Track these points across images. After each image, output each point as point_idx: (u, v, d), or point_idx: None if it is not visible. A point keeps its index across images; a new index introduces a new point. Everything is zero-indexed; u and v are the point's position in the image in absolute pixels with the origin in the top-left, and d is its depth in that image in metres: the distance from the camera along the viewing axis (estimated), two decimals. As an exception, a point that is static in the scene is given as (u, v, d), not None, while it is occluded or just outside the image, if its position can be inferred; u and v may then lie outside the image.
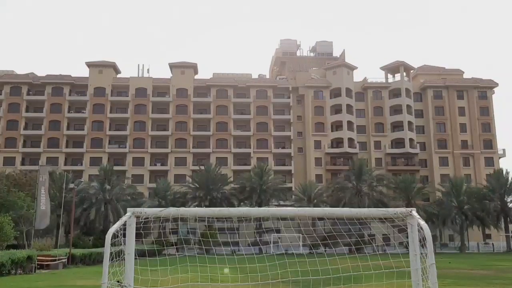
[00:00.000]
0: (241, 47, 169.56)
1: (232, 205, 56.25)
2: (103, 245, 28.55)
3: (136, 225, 7.96)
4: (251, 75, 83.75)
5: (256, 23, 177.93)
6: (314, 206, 55.02)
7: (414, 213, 6.87)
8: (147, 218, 8.17)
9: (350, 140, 77.89)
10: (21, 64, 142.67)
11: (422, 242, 6.52)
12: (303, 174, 75.91)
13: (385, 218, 7.23)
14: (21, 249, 29.23)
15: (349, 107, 79.40)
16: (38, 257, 27.68)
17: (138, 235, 7.82)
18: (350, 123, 78.59)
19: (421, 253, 6.69)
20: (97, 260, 35.42)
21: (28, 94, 77.44)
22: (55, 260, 29.63)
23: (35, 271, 26.14)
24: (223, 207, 47.34)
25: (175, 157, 75.83)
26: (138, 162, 75.05)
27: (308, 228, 52.86)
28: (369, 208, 12.38)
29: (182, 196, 60.32)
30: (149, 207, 38.91)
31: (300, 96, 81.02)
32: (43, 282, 20.05)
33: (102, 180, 56.38)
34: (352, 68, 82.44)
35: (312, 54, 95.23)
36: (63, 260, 30.80)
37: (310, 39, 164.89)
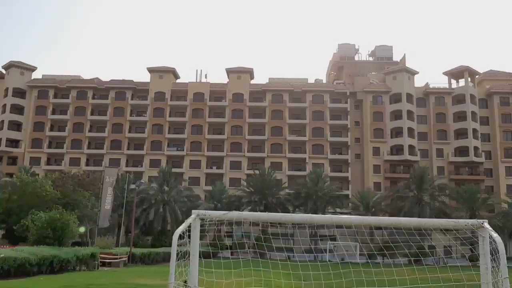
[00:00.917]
0: (298, 52, 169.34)
1: (287, 211, 55.95)
2: (161, 245, 29.49)
3: (201, 227, 8.02)
4: (307, 79, 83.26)
5: (313, 27, 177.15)
6: (372, 215, 53.67)
7: (486, 225, 6.61)
8: (211, 220, 8.20)
9: (411, 147, 75.44)
10: (87, 70, 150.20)
11: (494, 255, 6.26)
12: (360, 182, 74.30)
13: (456, 230, 6.97)
14: (85, 247, 30.43)
15: (409, 113, 77.00)
16: (101, 255, 28.66)
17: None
18: (410, 130, 76.16)
19: (493, 267, 6.38)
20: (155, 259, 36.32)
21: (93, 98, 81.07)
22: (116, 258, 30.61)
23: (98, 268, 27.09)
24: (277, 212, 47.15)
25: (230, 161, 76.62)
26: (195, 165, 76.49)
27: (365, 237, 51.56)
28: (439, 219, 11.82)
29: (237, 199, 60.74)
30: (205, 209, 39.45)
31: (358, 101, 79.56)
32: (105, 279, 20.69)
33: (161, 182, 57.88)
34: (413, 72, 79.97)
35: (371, 59, 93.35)
36: (124, 259, 31.75)
37: (369, 43, 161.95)
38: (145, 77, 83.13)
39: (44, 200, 41.71)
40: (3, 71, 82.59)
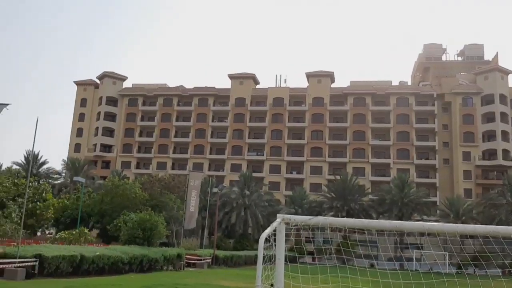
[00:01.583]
0: (380, 53, 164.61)
1: (370, 218, 54.20)
2: (243, 249, 29.70)
3: (286, 231, 7.90)
4: (390, 82, 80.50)
5: (396, 28, 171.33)
6: (462, 223, 50.27)
7: None
8: (296, 225, 8.07)
9: (505, 151, 70.04)
10: (172, 78, 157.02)
11: None
12: (449, 188, 70.26)
13: None
14: (171, 247, 31.58)
15: (503, 115, 71.63)
16: (186, 256, 29.60)
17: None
18: (505, 133, 70.77)
19: None
20: (238, 262, 36.86)
21: (178, 105, 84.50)
22: (201, 260, 31.43)
23: (183, 269, 27.97)
24: (361, 218, 45.80)
25: (310, 166, 75.97)
26: (275, 169, 76.79)
27: (456, 246, 48.49)
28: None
29: (318, 205, 59.96)
30: (286, 214, 39.34)
31: (446, 103, 75.43)
32: (191, 279, 21.26)
33: (242, 186, 58.72)
34: (506, 72, 74.36)
35: (459, 58, 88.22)
36: (208, 260, 32.52)
37: (458, 42, 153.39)
38: (226, 84, 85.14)
39: (133, 202, 44.04)
40: (98, 81, 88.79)
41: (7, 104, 18.06)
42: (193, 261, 30.63)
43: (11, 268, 17.16)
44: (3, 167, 59.17)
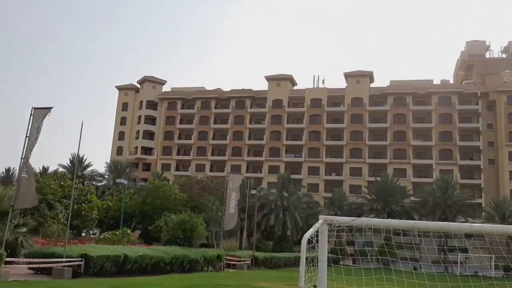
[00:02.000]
0: (421, 52, 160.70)
1: (412, 220, 52.87)
2: (282, 250, 29.51)
3: (328, 232, 7.86)
4: (432, 81, 78.43)
5: (436, 25, 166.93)
6: (509, 225, 48.30)
7: None
8: (339, 226, 8.00)
9: (554, 150, 66.92)
10: (210, 81, 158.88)
11: None
12: (494, 189, 67.69)
13: None
14: (211, 248, 31.84)
15: (553, 113, 68.52)
16: (226, 257, 29.74)
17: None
18: (553, 132, 67.68)
19: None
20: (277, 264, 36.75)
21: (215, 107, 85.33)
22: (240, 261, 31.53)
23: (223, 270, 28.12)
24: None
25: (350, 167, 74.96)
26: (313, 171, 76.21)
27: (500, 248, 46.61)
28: None
29: (358, 207, 59.06)
30: (326, 215, 38.93)
31: (491, 102, 72.78)
32: (232, 280, 21.34)
33: (280, 188, 58.58)
34: (555, 68, 71.09)
35: (504, 56, 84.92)
36: (248, 262, 32.58)
37: (502, 39, 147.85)
38: (263, 85, 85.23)
39: (173, 203, 44.76)
40: (138, 86, 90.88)
41: (50, 108, 18.67)
42: (232, 262, 30.76)
43: (58, 267, 17.74)
44: (50, 170, 61.39)
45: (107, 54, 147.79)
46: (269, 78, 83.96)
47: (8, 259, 16.04)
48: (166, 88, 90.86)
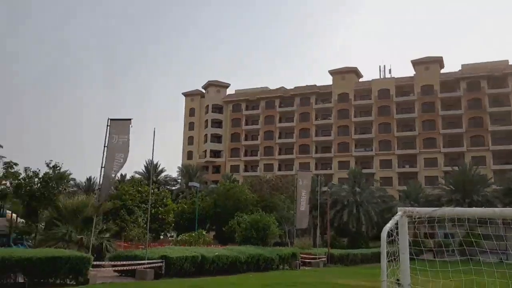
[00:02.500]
0: (492, 32, 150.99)
1: (496, 209, 49.67)
2: (357, 247, 28.79)
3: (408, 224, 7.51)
4: (507, 61, 73.39)
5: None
6: None
7: None
8: (420, 217, 7.61)
9: None
10: (273, 80, 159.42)
11: None
12: None
13: None
14: (285, 247, 31.80)
15: None
16: (301, 255, 29.59)
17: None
18: None
19: None
20: (353, 261, 36.06)
21: (280, 106, 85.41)
22: (316, 259, 31.25)
23: (299, 268, 28.00)
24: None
25: (424, 158, 72.05)
26: (386, 164, 74.06)
27: None
28: None
29: (435, 198, 56.43)
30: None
31: None
32: (308, 278, 21.14)
33: (351, 183, 57.46)
34: None
35: None
36: (323, 259, 32.23)
37: None
38: (327, 80, 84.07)
39: (245, 203, 45.28)
40: (203, 91, 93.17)
41: (130, 120, 19.44)
42: (308, 260, 30.56)
43: (141, 269, 18.45)
44: (127, 177, 64.36)
45: (170, 61, 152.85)
46: (333, 72, 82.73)
47: (95, 262, 16.89)
48: (230, 91, 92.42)
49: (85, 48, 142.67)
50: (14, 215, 27.99)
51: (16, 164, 17.96)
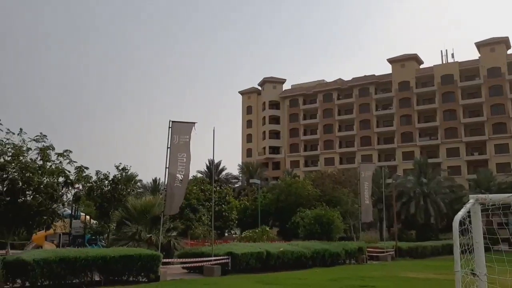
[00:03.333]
0: None
1: None
2: (426, 239, 27.63)
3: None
4: None
5: None
6: None
7: None
8: (494, 204, 7.25)
9: None
10: (329, 72, 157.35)
11: None
12: None
13: None
14: (351, 241, 31.27)
15: None
16: (367, 249, 29.01)
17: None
18: None
19: None
20: (423, 254, 34.89)
21: (338, 99, 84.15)
22: (383, 252, 30.52)
23: (366, 262, 27.44)
24: None
25: (494, 144, 68.37)
26: (453, 153, 71.02)
27: None
28: None
29: (509, 186, 53.28)
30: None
31: None
32: (376, 272, 20.64)
33: (417, 174, 55.51)
34: None
35: None
36: (391, 253, 31.43)
37: None
38: (386, 69, 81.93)
39: (307, 198, 44.95)
40: (259, 88, 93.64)
41: (193, 123, 19.81)
42: (375, 254, 29.89)
43: (208, 266, 18.82)
44: (190, 176, 65.93)
45: (224, 60, 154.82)
46: (392, 61, 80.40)
47: (164, 260, 17.41)
48: (286, 86, 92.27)
49: (145, 49, 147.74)
50: (88, 217, 29.47)
51: (87, 168, 18.78)
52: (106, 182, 24.05)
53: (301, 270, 20.96)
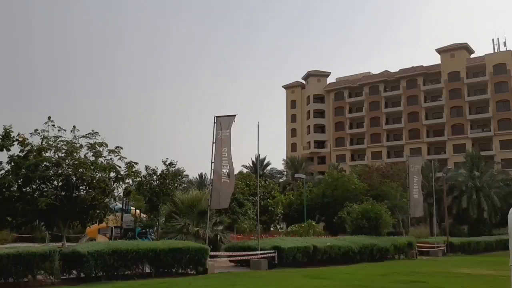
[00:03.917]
0: None
1: None
2: (479, 234, 26.62)
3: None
4: None
5: None
6: None
7: None
8: None
9: None
10: (374, 64, 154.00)
11: None
12: None
13: None
14: (400, 236, 30.56)
15: None
16: (417, 244, 28.30)
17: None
18: None
19: None
20: (476, 249, 33.68)
21: (385, 91, 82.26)
22: (434, 248, 29.68)
23: (416, 257, 26.78)
24: None
25: (551, 137, 64.97)
26: (507, 145, 67.96)
27: None
28: None
29: None
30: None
31: None
32: (426, 267, 20.11)
33: (469, 167, 53.42)
34: None
35: None
36: (442, 248, 30.54)
37: None
38: (435, 60, 79.28)
39: (353, 193, 44.27)
40: (303, 82, 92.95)
41: (234, 116, 20.04)
42: (425, 249, 29.10)
43: (255, 259, 18.92)
44: (235, 171, 66.49)
45: (267, 55, 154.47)
46: (441, 50, 77.76)
47: (211, 253, 17.65)
48: (330, 79, 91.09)
49: (189, 44, 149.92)
50: (138, 211, 30.31)
51: (136, 163, 19.29)
52: (155, 177, 24.66)
53: (348, 265, 20.71)
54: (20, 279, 13.20)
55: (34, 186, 17.07)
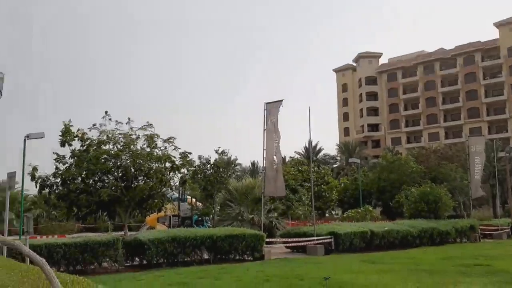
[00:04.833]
0: None
1: None
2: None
3: None
4: None
5: None
6: None
7: None
8: None
9: None
10: (427, 42, 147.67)
11: None
12: None
13: None
14: (461, 219, 29.52)
15: None
16: (480, 227, 27.27)
17: None
18: None
19: None
20: (546, 232, 31.91)
21: (440, 69, 79.04)
22: (497, 230, 28.49)
23: (479, 240, 25.80)
24: None
25: None
26: None
27: None
28: None
29: None
30: None
31: None
32: (490, 250, 19.30)
33: (534, 146, 50.52)
34: None
35: None
36: (506, 230, 29.23)
37: None
38: (493, 34, 75.11)
39: (410, 176, 43.07)
40: (354, 64, 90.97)
41: (281, 101, 20.00)
42: (488, 232, 27.94)
43: (311, 245, 18.90)
44: (287, 158, 66.47)
45: (315, 37, 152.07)
46: (499, 24, 73.57)
47: (267, 240, 17.81)
48: (383, 60, 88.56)
49: (238, 32, 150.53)
50: (193, 199, 31.05)
51: (190, 153, 19.71)
52: (208, 166, 25.13)
53: (407, 250, 20.26)
54: (87, 266, 13.94)
55: (96, 178, 17.85)
